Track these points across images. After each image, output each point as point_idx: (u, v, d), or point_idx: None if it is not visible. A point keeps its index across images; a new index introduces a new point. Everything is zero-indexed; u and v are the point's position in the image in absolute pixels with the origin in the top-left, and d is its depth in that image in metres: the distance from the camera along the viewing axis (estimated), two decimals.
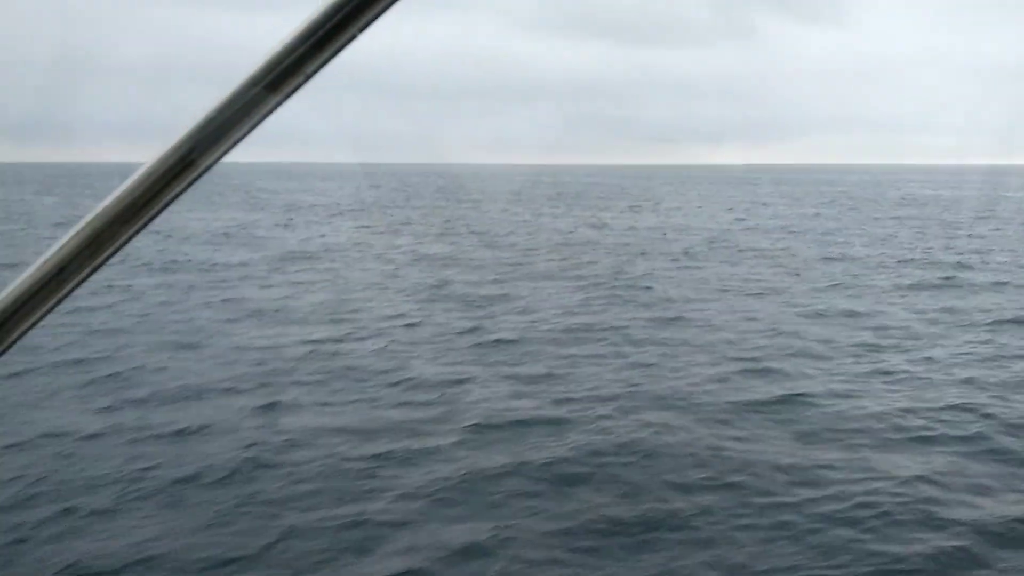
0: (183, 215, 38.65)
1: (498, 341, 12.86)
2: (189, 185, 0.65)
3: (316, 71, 0.64)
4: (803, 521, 6.55)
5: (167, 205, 0.66)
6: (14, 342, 0.65)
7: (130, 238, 0.66)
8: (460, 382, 10.50)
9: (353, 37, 0.64)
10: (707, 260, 23.79)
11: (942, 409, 9.39)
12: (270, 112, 0.65)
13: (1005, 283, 19.31)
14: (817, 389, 10.19)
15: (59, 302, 0.66)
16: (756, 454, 7.97)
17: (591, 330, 13.68)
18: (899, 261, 23.70)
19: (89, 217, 0.65)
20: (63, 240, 0.65)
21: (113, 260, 0.68)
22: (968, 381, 10.61)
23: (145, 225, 0.66)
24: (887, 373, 10.98)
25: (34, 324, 0.65)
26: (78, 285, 0.66)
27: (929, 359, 11.77)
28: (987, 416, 9.15)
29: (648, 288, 18.43)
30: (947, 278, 20.02)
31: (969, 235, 31.81)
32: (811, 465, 7.69)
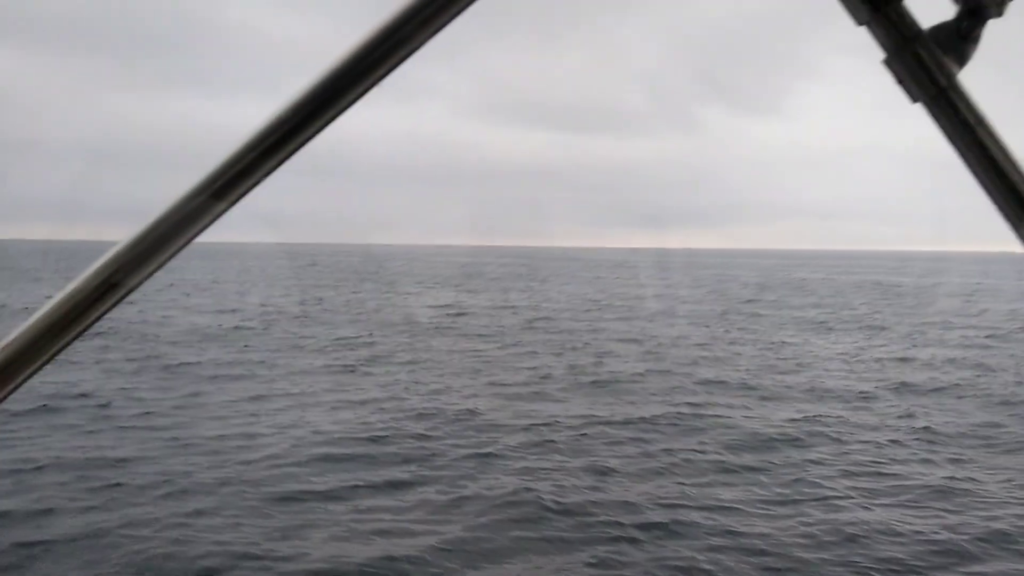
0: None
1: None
2: (131, 292, 0.63)
3: (266, 175, 0.63)
4: None
5: (105, 313, 0.62)
6: None
7: (65, 347, 0.62)
8: None
9: (301, 145, 0.63)
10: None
11: None
12: (215, 219, 0.63)
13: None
14: None
15: None
16: None
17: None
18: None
19: (17, 332, 0.62)
20: None
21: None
22: None
23: (83, 333, 0.63)
24: None
25: None
26: (5, 397, 0.63)
27: None
28: None
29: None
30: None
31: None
32: None
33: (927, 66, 0.65)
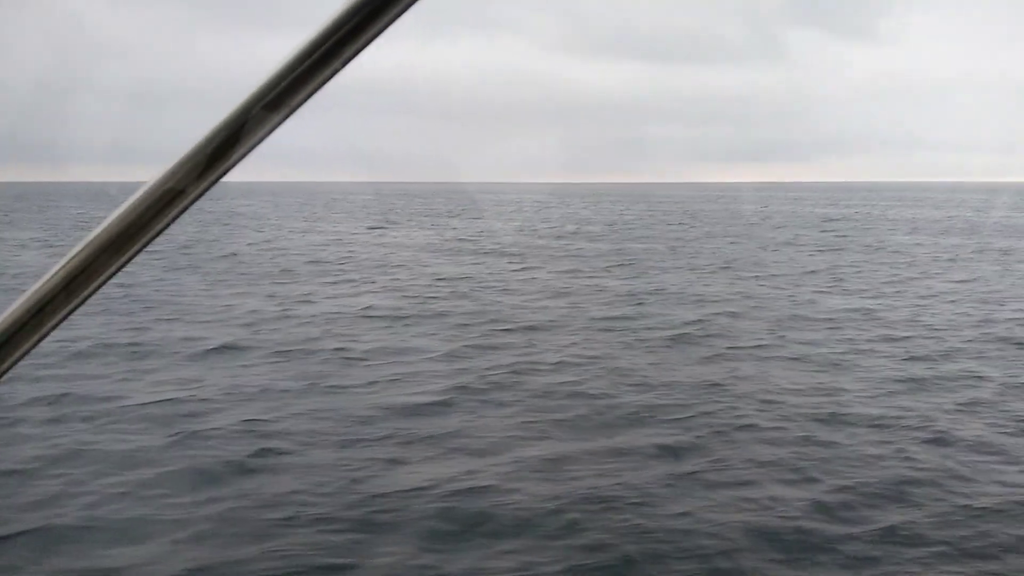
0: None
1: None
2: (191, 204, 0.64)
3: (317, 89, 0.63)
4: None
5: (168, 225, 0.64)
6: (9, 368, 0.64)
7: (128, 259, 0.64)
8: None
9: (354, 55, 0.62)
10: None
11: None
12: (270, 131, 0.63)
13: None
14: None
15: (52, 329, 0.64)
16: None
17: None
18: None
19: (81, 244, 0.63)
20: (55, 267, 0.63)
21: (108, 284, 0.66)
22: None
23: (144, 247, 0.64)
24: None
25: (26, 352, 0.64)
26: (73, 311, 0.64)
27: None
28: None
29: None
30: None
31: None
32: None
33: None
